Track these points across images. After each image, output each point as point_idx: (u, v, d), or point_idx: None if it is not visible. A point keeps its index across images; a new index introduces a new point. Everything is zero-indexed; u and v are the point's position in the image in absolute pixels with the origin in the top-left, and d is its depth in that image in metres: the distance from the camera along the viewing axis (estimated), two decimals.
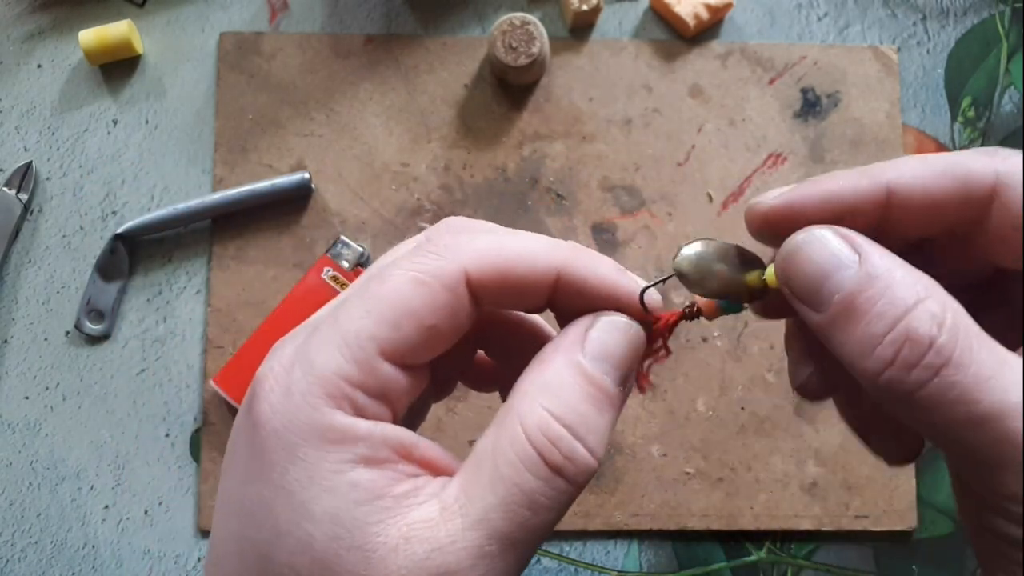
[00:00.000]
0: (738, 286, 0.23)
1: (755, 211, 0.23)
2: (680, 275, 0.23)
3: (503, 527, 0.20)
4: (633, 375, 0.23)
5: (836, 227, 0.21)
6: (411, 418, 0.23)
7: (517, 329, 0.27)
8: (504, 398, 0.23)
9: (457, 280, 0.22)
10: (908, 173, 0.21)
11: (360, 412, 0.21)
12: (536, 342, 0.25)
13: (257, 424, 0.21)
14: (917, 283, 0.20)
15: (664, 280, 0.24)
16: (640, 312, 0.23)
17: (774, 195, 0.23)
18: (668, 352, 0.25)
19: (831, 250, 0.21)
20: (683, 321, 0.24)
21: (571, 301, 0.23)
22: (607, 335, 0.22)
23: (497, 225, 0.24)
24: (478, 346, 0.27)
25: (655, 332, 0.24)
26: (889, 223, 0.22)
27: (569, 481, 0.21)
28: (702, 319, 0.24)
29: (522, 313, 0.25)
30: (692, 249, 0.23)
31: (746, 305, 0.24)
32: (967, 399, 0.19)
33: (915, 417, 0.20)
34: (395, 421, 0.22)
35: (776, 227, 0.22)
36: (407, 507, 0.21)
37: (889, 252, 0.21)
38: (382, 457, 0.21)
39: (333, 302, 0.23)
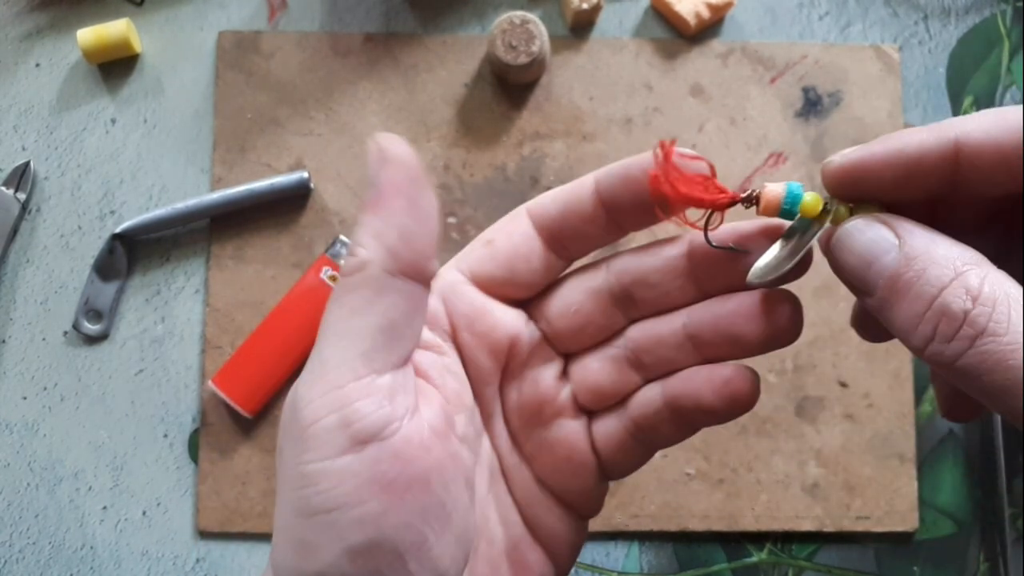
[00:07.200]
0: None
1: (827, 171, 0.23)
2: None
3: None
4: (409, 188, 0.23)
5: (879, 215, 0.22)
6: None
7: None
8: None
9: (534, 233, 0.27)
10: (978, 128, 0.21)
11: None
12: None
13: None
14: (956, 258, 0.20)
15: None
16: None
17: (845, 154, 0.23)
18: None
19: (872, 237, 0.22)
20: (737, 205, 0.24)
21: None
22: None
23: None
24: None
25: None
26: (960, 180, 0.22)
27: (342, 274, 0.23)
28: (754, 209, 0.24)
29: None
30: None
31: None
32: (1003, 367, 0.19)
33: (965, 385, 0.20)
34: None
35: (848, 186, 0.23)
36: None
37: (932, 231, 0.21)
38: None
39: None
